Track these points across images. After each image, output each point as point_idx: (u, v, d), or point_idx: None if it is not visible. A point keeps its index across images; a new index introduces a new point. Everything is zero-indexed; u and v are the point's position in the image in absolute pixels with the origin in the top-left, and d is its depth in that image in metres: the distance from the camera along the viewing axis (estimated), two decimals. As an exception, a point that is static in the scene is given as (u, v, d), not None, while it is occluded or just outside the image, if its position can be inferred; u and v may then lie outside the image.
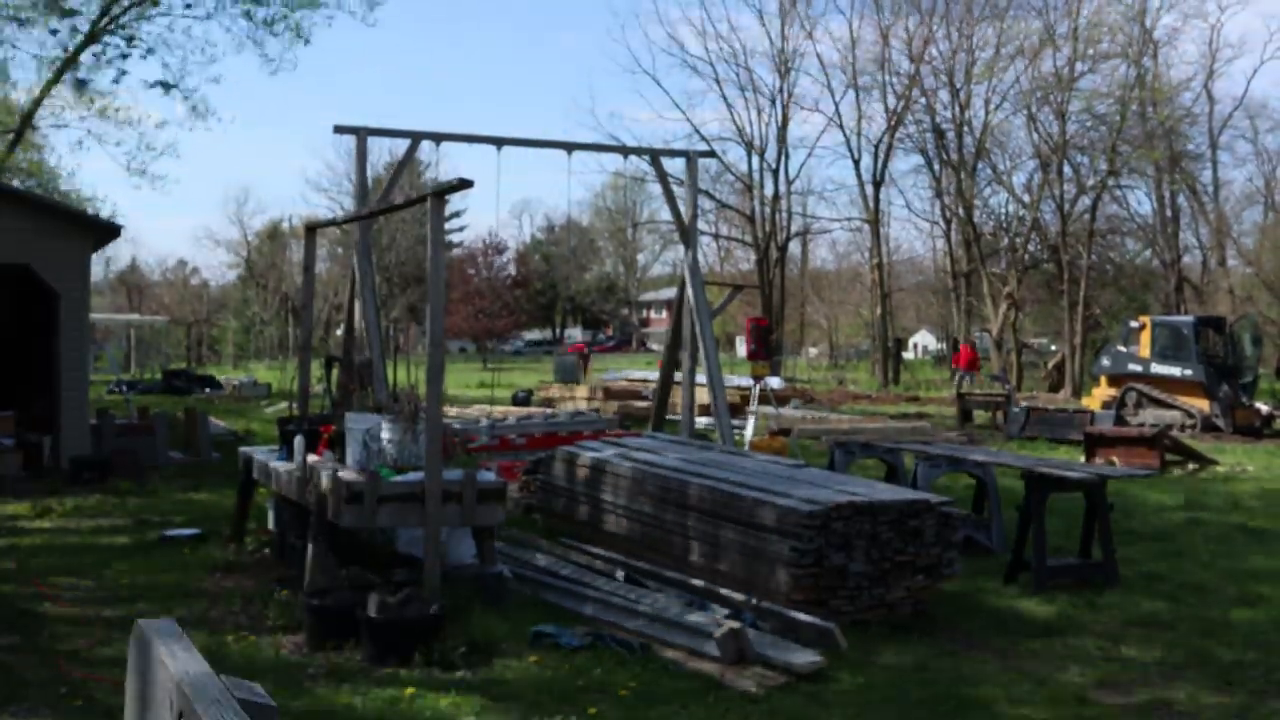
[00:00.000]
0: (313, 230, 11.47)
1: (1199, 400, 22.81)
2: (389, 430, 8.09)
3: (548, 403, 26.06)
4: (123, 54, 26.32)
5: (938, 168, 44.12)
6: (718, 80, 43.44)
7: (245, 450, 10.44)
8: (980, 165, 42.82)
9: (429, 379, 7.69)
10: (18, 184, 28.17)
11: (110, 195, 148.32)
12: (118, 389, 27.42)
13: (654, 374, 23.75)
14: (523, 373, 44.87)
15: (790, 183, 44.43)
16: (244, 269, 74.85)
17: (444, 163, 65.43)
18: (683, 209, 16.86)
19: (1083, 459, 16.80)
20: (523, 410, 21.95)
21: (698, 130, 42.26)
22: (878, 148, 43.50)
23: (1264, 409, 23.12)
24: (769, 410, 19.84)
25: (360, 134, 14.45)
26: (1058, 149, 39.65)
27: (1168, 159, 40.83)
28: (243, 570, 9.19)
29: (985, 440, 20.19)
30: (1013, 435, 20.98)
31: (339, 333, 20.90)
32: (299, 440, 8.72)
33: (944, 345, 59.93)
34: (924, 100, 42.79)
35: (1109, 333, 38.53)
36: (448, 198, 8.39)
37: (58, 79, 26.19)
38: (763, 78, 59.95)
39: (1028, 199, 42.60)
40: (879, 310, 45.26)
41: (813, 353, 64.95)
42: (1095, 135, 40.44)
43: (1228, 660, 7.20)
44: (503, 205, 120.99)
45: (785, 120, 43.17)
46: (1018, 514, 9.41)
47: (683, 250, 16.34)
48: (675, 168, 24.87)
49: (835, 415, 24.07)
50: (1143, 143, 39.68)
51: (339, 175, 62.91)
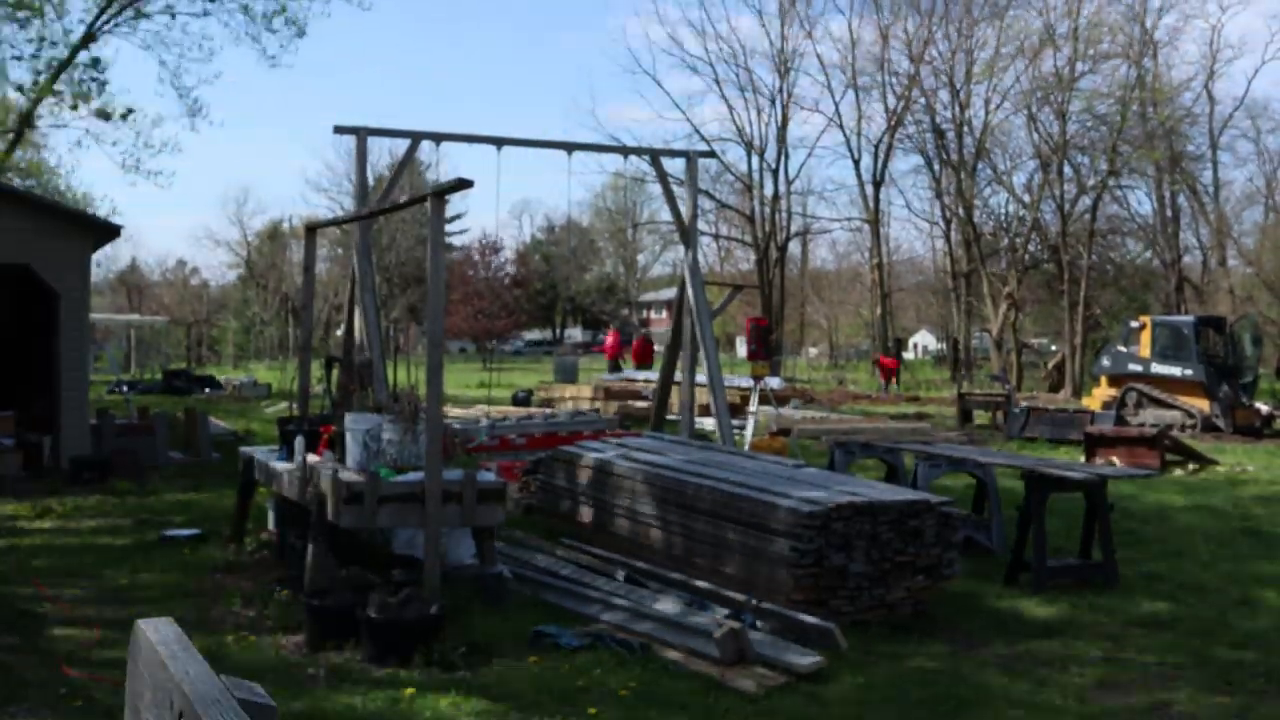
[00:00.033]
0: (313, 230, 11.47)
1: (1199, 400, 22.81)
2: (389, 430, 8.09)
3: (548, 403, 26.05)
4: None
5: (938, 168, 44.16)
6: (717, 80, 43.62)
7: (245, 450, 10.44)
8: (980, 165, 42.85)
9: (429, 379, 7.69)
10: (18, 184, 28.16)
11: (109, 194, 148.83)
12: (118, 389, 27.42)
13: (655, 374, 23.71)
14: (523, 373, 44.85)
15: (790, 183, 44.53)
16: (244, 269, 74.85)
17: (444, 163, 65.17)
18: (683, 209, 16.84)
19: (1083, 459, 16.80)
20: (523, 410, 21.95)
21: (698, 130, 42.38)
22: (878, 148, 43.60)
23: (1264, 409, 23.12)
24: (769, 410, 19.84)
25: (360, 134, 14.44)
26: (1058, 149, 39.65)
27: (1168, 159, 40.84)
28: (243, 570, 9.19)
29: (985, 440, 20.18)
30: (1013, 435, 20.97)
31: (339, 333, 20.90)
32: (299, 440, 8.72)
33: (944, 345, 59.92)
34: (924, 100, 42.87)
35: (1109, 333, 38.52)
36: (448, 198, 8.39)
37: (56, 79, 26.17)
38: (762, 78, 59.96)
39: (1028, 199, 42.63)
40: (879, 310, 45.29)
41: (813, 353, 64.95)
42: (1095, 135, 40.46)
43: (1228, 660, 7.21)
44: (503, 205, 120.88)
45: (785, 120, 43.26)
46: (1018, 514, 9.41)
47: (683, 250, 16.33)
48: (675, 168, 24.91)
49: (835, 415, 24.07)
50: (1143, 143, 39.69)
51: (339, 175, 62.94)
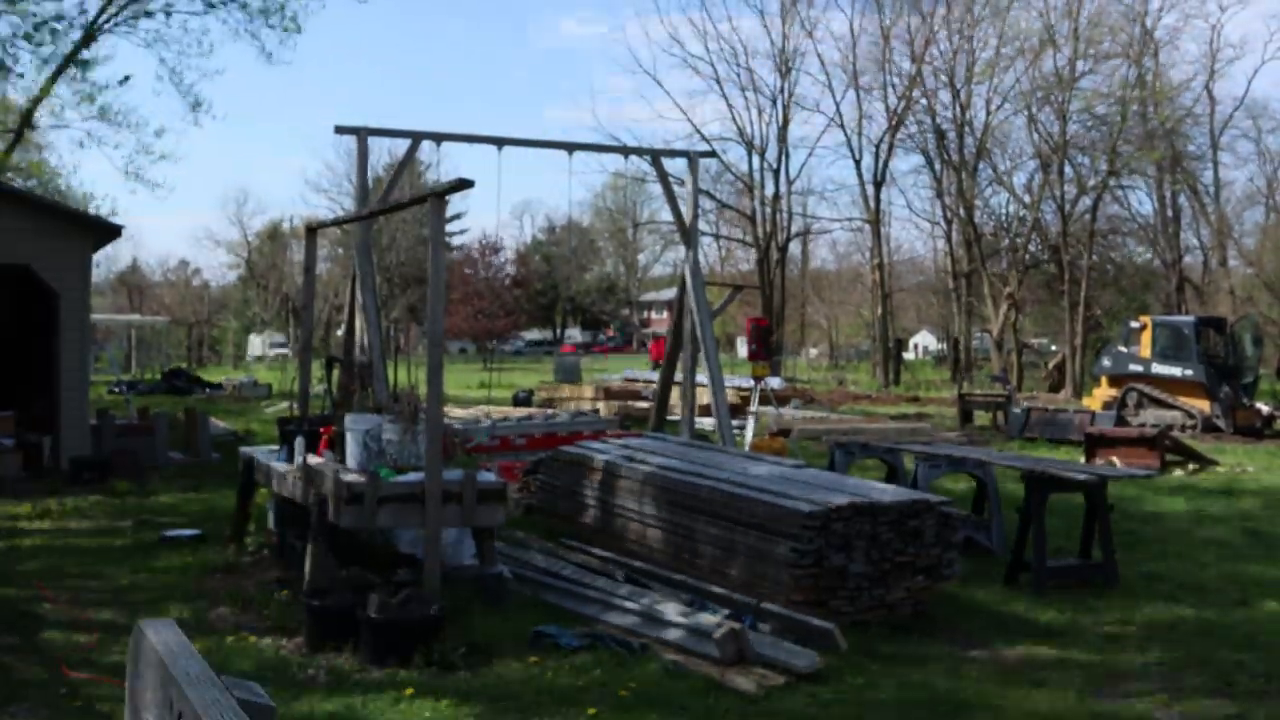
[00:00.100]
0: (313, 231, 11.48)
1: (1199, 401, 22.81)
2: (389, 430, 8.09)
3: (548, 403, 26.06)
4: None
5: (938, 168, 44.12)
6: (718, 80, 43.51)
7: (245, 450, 10.44)
8: (981, 165, 42.83)
9: (429, 379, 7.69)
10: (18, 184, 28.14)
11: (110, 194, 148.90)
12: (118, 389, 27.43)
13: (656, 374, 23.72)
14: (523, 373, 44.87)
15: (791, 183, 44.49)
16: (244, 269, 74.86)
17: (444, 163, 65.38)
18: (683, 209, 16.84)
19: (1083, 459, 16.80)
20: (523, 410, 21.95)
21: (698, 130, 42.33)
22: (878, 148, 43.55)
23: (1264, 409, 23.12)
24: (769, 410, 19.84)
25: (361, 134, 14.44)
26: (1058, 149, 39.64)
27: (1169, 159, 40.83)
28: (243, 571, 9.19)
29: (986, 441, 20.18)
30: (1013, 436, 20.97)
31: (339, 333, 20.89)
32: (299, 441, 8.73)
33: (944, 345, 59.92)
34: (925, 100, 42.83)
35: (1109, 333, 38.50)
36: (448, 198, 8.39)
37: (56, 78, 26.17)
38: (763, 77, 59.85)
39: (1028, 199, 42.62)
40: (879, 310, 45.27)
41: (813, 353, 64.94)
42: (1096, 135, 40.44)
43: (1228, 661, 7.20)
44: (504, 206, 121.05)
45: (786, 120, 43.22)
46: (1018, 515, 9.41)
47: (683, 250, 16.33)
48: (676, 168, 24.91)
49: (835, 415, 24.07)
50: (1144, 143, 39.67)
51: (339, 175, 62.91)
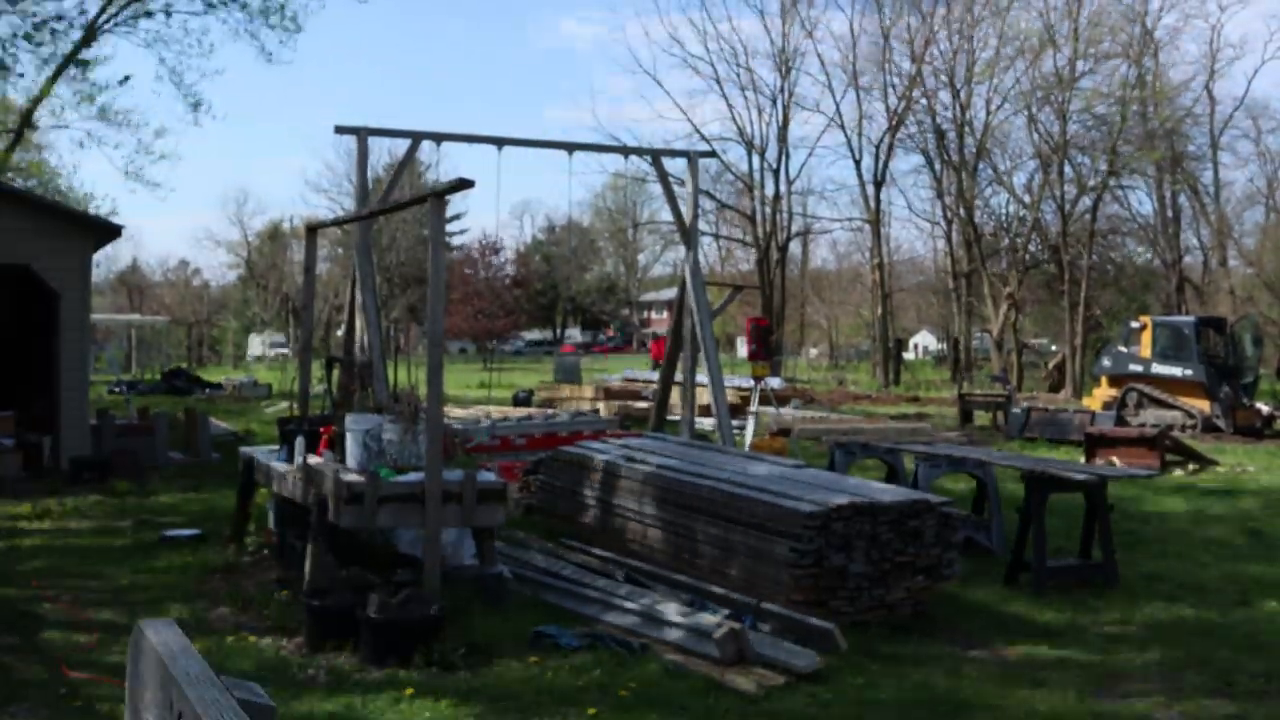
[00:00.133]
0: (313, 231, 11.48)
1: (1199, 401, 22.80)
2: (389, 430, 8.09)
3: (549, 403, 26.06)
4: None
5: (938, 168, 44.12)
6: (718, 80, 43.51)
7: (245, 450, 10.44)
8: (981, 165, 42.83)
9: (429, 379, 7.69)
10: (19, 184, 28.15)
11: (110, 194, 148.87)
12: (118, 389, 27.44)
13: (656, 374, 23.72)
14: (523, 373, 44.87)
15: (791, 183, 44.48)
16: (244, 269, 74.87)
17: (444, 163, 65.31)
18: (683, 209, 16.84)
19: (1083, 459, 16.80)
20: (523, 410, 21.95)
21: (698, 130, 42.32)
22: (878, 148, 43.55)
23: (1264, 409, 23.11)
24: (769, 410, 19.84)
25: (361, 134, 14.44)
26: (1058, 149, 39.64)
27: (1169, 159, 40.83)
28: (243, 571, 9.19)
29: (986, 441, 20.18)
30: (1013, 436, 20.97)
31: (339, 333, 20.89)
32: (299, 441, 8.72)
33: (944, 345, 59.92)
34: (925, 100, 42.83)
35: (1109, 333, 38.49)
36: (448, 198, 8.39)
37: (56, 78, 26.18)
38: (763, 77, 59.87)
39: (1028, 199, 42.61)
40: (879, 310, 45.26)
41: (813, 353, 64.94)
42: (1096, 135, 40.43)
43: (1228, 661, 7.20)
44: (503, 206, 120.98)
45: (786, 120, 43.22)
46: (1018, 515, 9.41)
47: (683, 250, 16.33)
48: (676, 168, 24.89)
49: (835, 415, 24.07)
50: (1143, 143, 39.67)
51: (339, 175, 62.93)
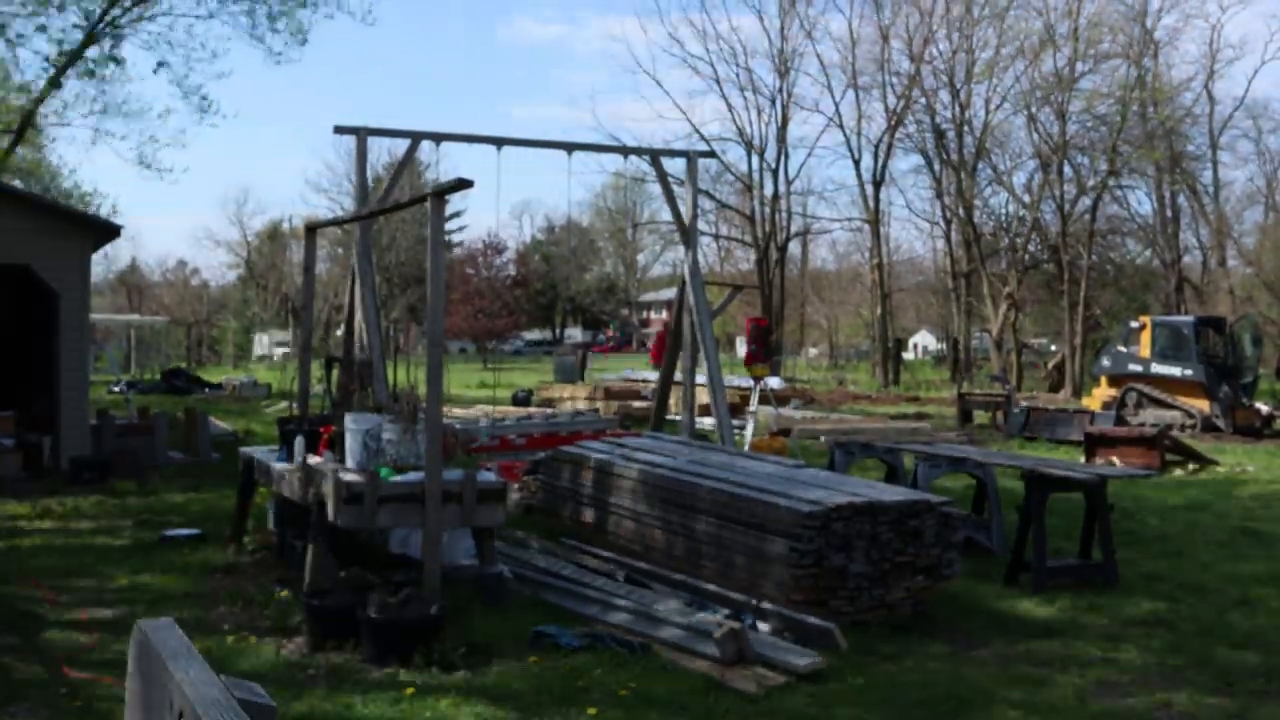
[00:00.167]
0: (313, 230, 11.47)
1: (1199, 400, 22.81)
2: (389, 430, 8.09)
3: (548, 403, 26.07)
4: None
5: (938, 168, 44.13)
6: (718, 80, 43.59)
7: (245, 450, 10.43)
8: (980, 165, 42.84)
9: (429, 379, 7.69)
10: (18, 184, 28.16)
11: (110, 192, 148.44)
12: (118, 389, 27.43)
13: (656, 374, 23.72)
14: (523, 373, 44.87)
15: (790, 183, 44.49)
16: (244, 269, 74.87)
17: (444, 163, 65.47)
18: (683, 209, 16.84)
19: (1083, 459, 16.80)
20: (523, 410, 21.96)
21: (698, 130, 42.32)
22: (878, 148, 43.56)
23: (1264, 409, 23.12)
24: (769, 410, 19.84)
25: (360, 134, 14.44)
26: (1058, 149, 39.65)
27: (1168, 159, 40.83)
28: (242, 571, 9.19)
29: (985, 441, 20.18)
30: (1013, 435, 20.98)
31: (339, 333, 20.89)
32: (299, 440, 8.72)
33: (944, 345, 59.93)
34: (924, 100, 42.83)
35: (1109, 333, 38.51)
36: (448, 198, 8.39)
37: (58, 77, 26.17)
38: (763, 78, 59.92)
39: (1028, 199, 42.63)
40: (879, 310, 45.27)
41: (813, 353, 64.95)
42: (1096, 135, 40.45)
43: (1228, 660, 7.20)
44: (503, 206, 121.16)
45: (785, 120, 43.23)
46: (1018, 514, 9.41)
47: (683, 251, 16.33)
48: (675, 168, 24.89)
49: (835, 415, 24.07)
50: (1143, 143, 39.69)
51: (339, 175, 62.96)
